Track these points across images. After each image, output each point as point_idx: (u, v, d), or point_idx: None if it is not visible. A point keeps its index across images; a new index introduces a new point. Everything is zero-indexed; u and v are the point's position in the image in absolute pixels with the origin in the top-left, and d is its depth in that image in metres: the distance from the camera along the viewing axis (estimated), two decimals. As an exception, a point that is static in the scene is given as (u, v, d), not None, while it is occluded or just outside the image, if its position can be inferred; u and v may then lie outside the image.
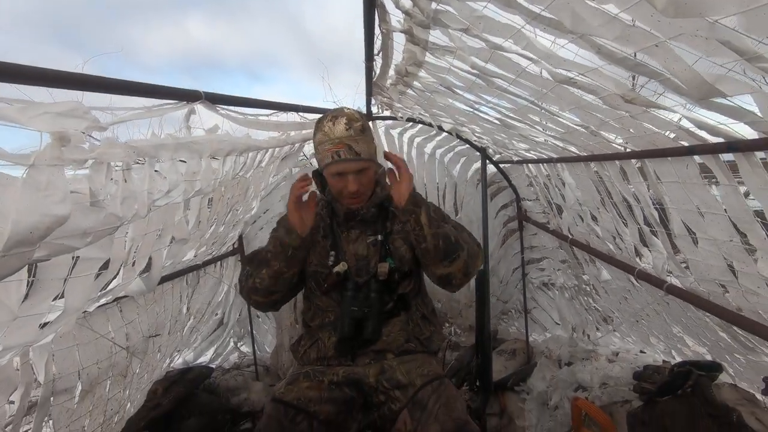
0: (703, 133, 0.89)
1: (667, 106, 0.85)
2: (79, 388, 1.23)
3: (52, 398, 1.16)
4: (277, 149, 1.73)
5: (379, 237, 1.44)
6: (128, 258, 1.12)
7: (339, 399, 1.31)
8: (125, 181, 0.90)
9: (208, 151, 1.16)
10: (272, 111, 1.58)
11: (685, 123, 0.90)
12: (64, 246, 0.75)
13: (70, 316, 0.95)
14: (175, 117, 1.16)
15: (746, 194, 0.91)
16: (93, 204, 0.79)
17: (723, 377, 1.72)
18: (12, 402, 1.10)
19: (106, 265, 1.06)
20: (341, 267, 1.40)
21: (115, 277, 1.12)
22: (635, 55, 0.76)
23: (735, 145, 0.82)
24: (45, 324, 0.95)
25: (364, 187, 1.36)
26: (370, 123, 2.31)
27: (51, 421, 1.19)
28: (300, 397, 1.28)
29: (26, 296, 0.88)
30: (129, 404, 1.51)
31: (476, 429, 1.16)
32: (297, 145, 2.19)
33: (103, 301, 1.20)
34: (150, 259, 1.27)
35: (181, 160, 1.11)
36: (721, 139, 0.87)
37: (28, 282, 0.88)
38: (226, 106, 1.28)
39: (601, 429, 1.73)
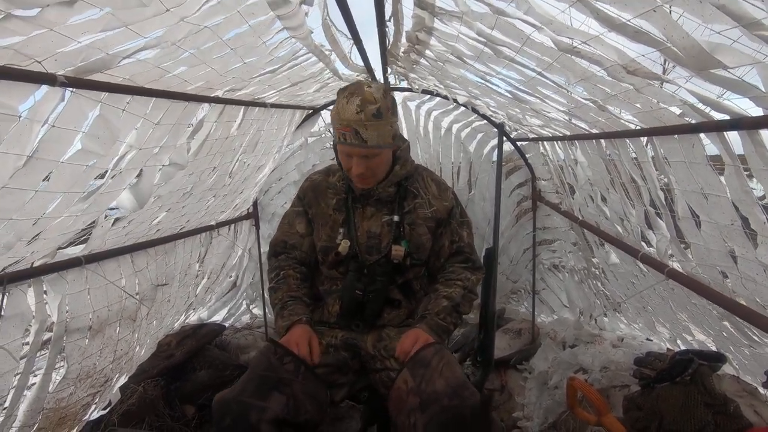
0: (710, 110, 0.85)
1: (670, 78, 0.81)
2: (90, 328, 1.32)
3: (65, 336, 1.26)
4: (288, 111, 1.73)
5: (395, 218, 1.39)
6: (118, 163, 1.14)
7: (334, 362, 1.34)
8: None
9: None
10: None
11: (690, 98, 0.86)
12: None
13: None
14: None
15: (749, 176, 0.87)
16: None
17: (727, 369, 1.69)
18: (27, 343, 1.19)
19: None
20: (343, 246, 1.37)
21: (103, 176, 1.13)
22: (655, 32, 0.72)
23: (738, 123, 0.78)
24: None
25: (371, 171, 1.31)
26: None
27: (65, 357, 1.29)
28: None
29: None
30: (138, 347, 1.61)
31: (474, 389, 1.17)
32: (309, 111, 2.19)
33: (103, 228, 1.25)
34: (141, 171, 1.26)
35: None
36: (726, 116, 0.83)
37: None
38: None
39: (595, 410, 1.74)
